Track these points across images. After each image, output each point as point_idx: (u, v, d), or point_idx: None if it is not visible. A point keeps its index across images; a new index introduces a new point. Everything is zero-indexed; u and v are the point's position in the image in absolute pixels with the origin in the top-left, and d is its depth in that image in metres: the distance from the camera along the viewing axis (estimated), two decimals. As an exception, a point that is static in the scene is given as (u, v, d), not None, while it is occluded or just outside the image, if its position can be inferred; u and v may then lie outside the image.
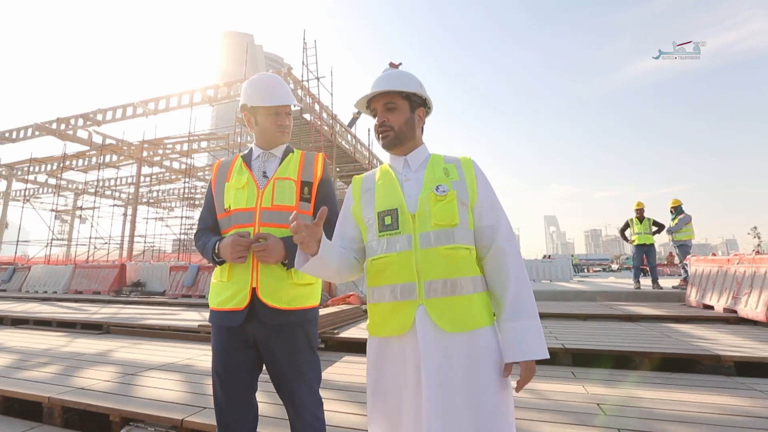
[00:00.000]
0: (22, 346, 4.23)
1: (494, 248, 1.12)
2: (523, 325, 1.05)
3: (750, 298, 4.50)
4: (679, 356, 3.18)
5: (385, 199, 1.18)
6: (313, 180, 1.45)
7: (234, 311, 1.31)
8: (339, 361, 3.53)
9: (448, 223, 1.10)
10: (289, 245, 1.30)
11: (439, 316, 1.04)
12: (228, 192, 1.42)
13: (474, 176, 1.18)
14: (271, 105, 1.41)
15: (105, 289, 9.49)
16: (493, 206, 1.16)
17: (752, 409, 2.23)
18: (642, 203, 7.59)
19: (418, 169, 1.22)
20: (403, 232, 1.12)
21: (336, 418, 2.18)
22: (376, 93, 1.20)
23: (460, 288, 1.07)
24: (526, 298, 1.08)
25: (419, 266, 1.08)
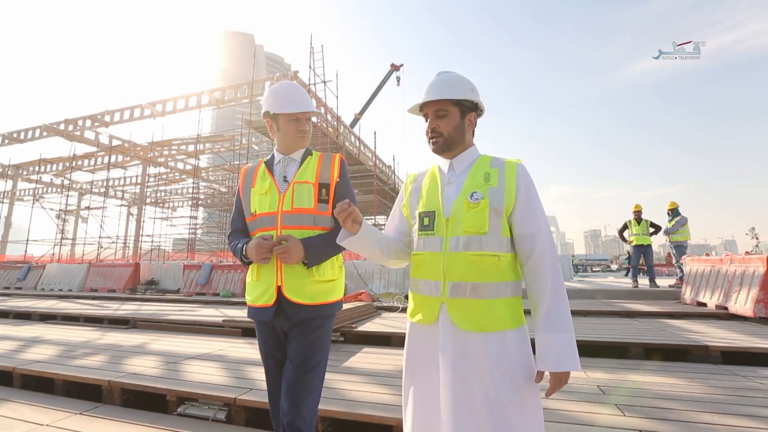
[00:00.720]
0: (61, 339, 4.53)
1: (533, 258, 1.14)
2: (556, 338, 1.08)
3: (740, 296, 4.81)
4: (672, 347, 3.49)
5: (426, 200, 1.26)
6: (330, 181, 1.49)
7: (264, 307, 1.43)
8: (360, 352, 3.83)
9: (477, 230, 1.14)
10: (309, 246, 1.39)
11: (458, 315, 1.12)
12: (253, 197, 1.50)
13: (515, 183, 1.18)
14: (292, 112, 1.47)
15: (120, 287, 9.78)
16: (533, 214, 1.15)
17: (732, 389, 2.54)
18: (640, 205, 7.91)
19: (462, 173, 1.25)
20: (437, 234, 1.19)
21: (368, 397, 2.48)
22: (428, 100, 1.24)
23: (482, 292, 1.12)
24: (561, 311, 1.10)
25: (445, 267, 1.16)
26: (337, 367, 3.24)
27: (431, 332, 1.17)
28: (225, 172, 24.09)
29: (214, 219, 26.79)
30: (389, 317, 5.49)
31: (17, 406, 2.71)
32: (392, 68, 33.04)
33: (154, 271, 10.34)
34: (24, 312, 6.66)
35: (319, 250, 1.40)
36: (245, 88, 16.06)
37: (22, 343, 4.26)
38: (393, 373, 3.03)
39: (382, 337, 4.32)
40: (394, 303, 6.51)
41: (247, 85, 15.65)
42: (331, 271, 1.48)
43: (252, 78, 15.19)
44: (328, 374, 3.03)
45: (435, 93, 1.23)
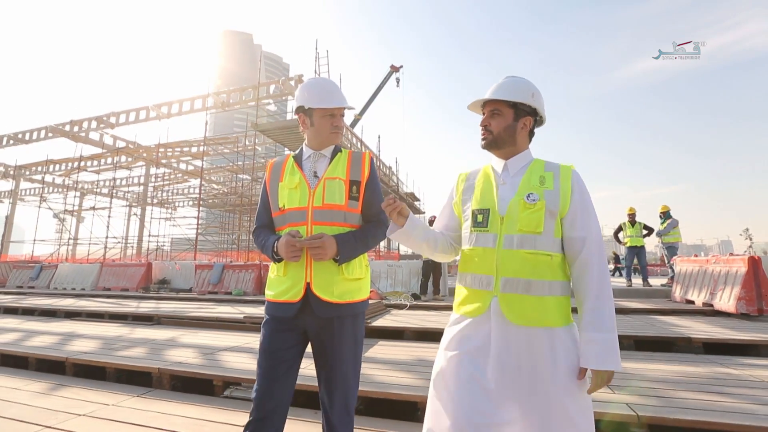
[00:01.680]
0: (95, 334, 4.87)
1: (581, 259, 1.18)
2: (599, 338, 1.11)
3: (724, 293, 5.21)
4: (659, 338, 3.88)
5: (481, 198, 1.30)
6: (361, 179, 1.49)
7: (288, 303, 1.39)
8: (376, 344, 4.19)
9: (533, 230, 1.18)
10: (341, 242, 1.38)
11: (509, 309, 1.16)
12: (282, 191, 1.48)
13: (570, 187, 1.22)
14: (329, 107, 1.46)
15: (133, 287, 10.10)
16: (585, 218, 1.20)
17: (708, 373, 2.92)
18: (634, 209, 8.32)
19: (516, 174, 1.29)
20: (491, 230, 1.23)
21: (393, 380, 2.84)
22: (486, 99, 1.31)
23: (534, 289, 1.16)
24: (605, 312, 1.13)
25: (499, 263, 1.20)
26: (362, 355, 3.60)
27: (479, 324, 1.20)
28: (227, 173, 24.41)
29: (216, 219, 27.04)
30: (399, 314, 5.85)
31: (78, 390, 3.06)
32: (392, 69, 33.41)
33: (166, 271, 10.66)
34: (49, 309, 6.99)
35: (350, 247, 1.40)
36: (250, 91, 16.38)
37: (62, 338, 4.60)
38: (410, 362, 3.39)
39: (395, 332, 4.68)
40: (402, 301, 6.88)
41: (252, 88, 15.96)
42: (359, 269, 1.48)
43: (258, 81, 15.50)
44: (362, 359, 3.40)
45: (494, 93, 1.30)
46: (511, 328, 1.15)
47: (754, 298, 4.81)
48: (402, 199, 24.23)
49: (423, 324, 4.84)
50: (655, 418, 2.09)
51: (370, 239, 1.47)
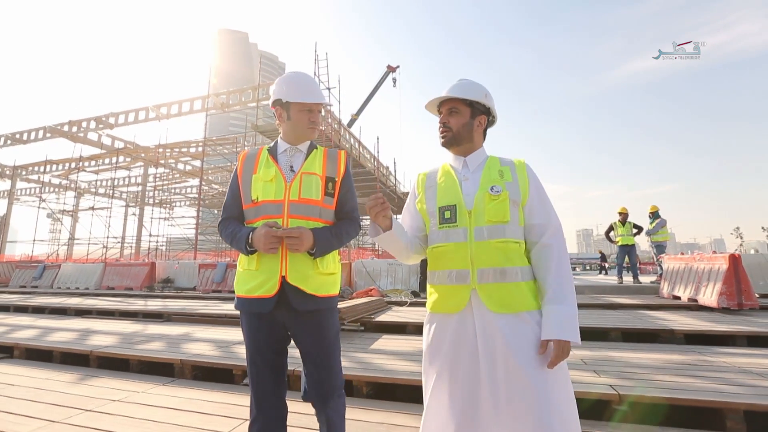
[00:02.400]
0: (111, 330, 5.08)
1: (541, 242, 1.26)
2: (560, 309, 1.18)
3: (707, 289, 5.52)
4: (644, 330, 4.17)
5: (445, 195, 1.34)
6: (336, 176, 1.50)
7: (263, 298, 1.35)
8: (380, 338, 4.44)
9: (500, 219, 1.24)
10: (317, 235, 1.37)
11: (489, 299, 1.20)
12: (256, 183, 1.44)
13: (527, 178, 1.31)
14: (306, 102, 1.45)
15: (137, 285, 10.28)
16: (543, 206, 1.29)
17: (686, 360, 3.21)
18: (625, 208, 8.63)
19: (476, 170, 1.36)
20: (460, 225, 1.28)
21: (398, 368, 3.09)
22: (444, 98, 1.38)
23: (509, 276, 1.22)
24: (565, 287, 1.20)
25: (473, 256, 1.24)
26: (366, 348, 3.85)
27: (460, 319, 1.23)
28: (225, 173, 24.54)
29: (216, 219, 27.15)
30: (400, 310, 6.11)
31: (107, 380, 3.29)
32: (388, 70, 33.63)
33: (169, 270, 10.84)
34: (59, 308, 7.17)
35: (326, 241, 1.40)
36: (249, 92, 16.55)
37: (80, 334, 4.81)
38: (413, 352, 3.65)
39: (397, 326, 4.94)
40: (402, 298, 7.14)
41: (252, 89, 16.14)
42: (333, 264, 1.48)
43: (258, 83, 15.69)
44: (362, 353, 3.66)
45: (452, 91, 1.37)
46: (493, 317, 1.19)
47: (735, 293, 5.12)
48: (400, 199, 24.51)
49: (423, 319, 5.09)
50: (634, 396, 2.36)
51: (344, 235, 1.47)
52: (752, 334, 3.92)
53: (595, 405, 2.42)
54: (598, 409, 2.42)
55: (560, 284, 1.20)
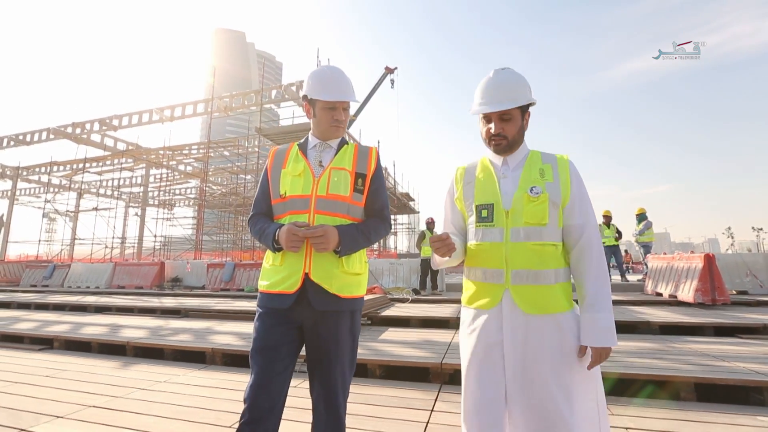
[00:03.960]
0: (137, 324, 5.49)
1: (580, 245, 1.24)
2: (599, 317, 1.19)
3: (685, 286, 6.01)
4: (624, 323, 4.64)
5: (483, 193, 1.32)
6: (367, 172, 1.46)
7: (284, 294, 1.33)
8: (387, 331, 4.89)
9: (538, 222, 1.22)
10: (343, 234, 1.33)
11: (522, 300, 1.20)
12: (284, 178, 1.43)
13: (569, 178, 1.27)
14: (328, 100, 1.42)
15: (147, 284, 10.66)
16: (583, 206, 1.26)
17: (656, 346, 3.68)
18: (609, 212, 9.15)
19: (516, 168, 1.31)
20: (497, 225, 1.26)
21: (406, 354, 3.54)
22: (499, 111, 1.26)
23: (543, 278, 1.21)
24: (604, 293, 1.21)
25: (508, 256, 1.23)
26: (375, 339, 4.30)
27: (493, 316, 1.24)
28: (226, 174, 24.92)
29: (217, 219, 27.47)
30: (402, 306, 6.56)
31: (147, 366, 3.71)
32: (386, 71, 34.06)
33: (178, 270, 11.23)
34: (79, 305, 7.56)
35: (352, 240, 1.36)
36: (252, 95, 16.93)
37: (109, 328, 5.22)
38: (419, 342, 4.09)
39: (402, 320, 5.39)
40: (404, 296, 7.59)
41: (256, 93, 16.52)
42: (359, 264, 1.44)
43: (261, 85, 16.07)
44: (372, 342, 4.10)
45: (502, 100, 1.26)
46: (524, 317, 1.20)
47: (709, 289, 5.60)
48: (398, 200, 24.91)
49: (426, 314, 5.55)
50: (606, 372, 2.83)
51: (373, 234, 1.43)
52: (718, 325, 4.40)
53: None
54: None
55: (599, 289, 1.21)
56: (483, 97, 1.30)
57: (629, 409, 2.48)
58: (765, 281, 7.01)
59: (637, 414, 2.41)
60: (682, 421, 2.30)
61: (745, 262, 7.27)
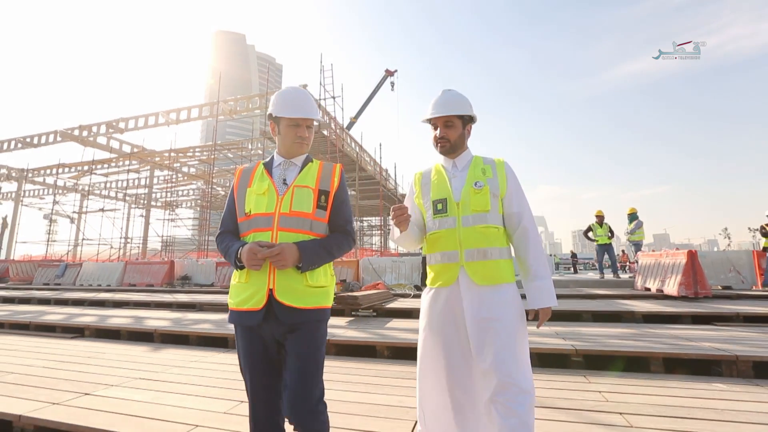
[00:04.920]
0: (158, 316, 5.87)
1: (520, 228, 1.55)
2: (541, 284, 1.50)
3: (670, 281, 6.40)
4: (611, 312, 5.03)
5: (438, 190, 1.61)
6: (330, 189, 1.51)
7: (251, 311, 1.37)
8: (391, 321, 5.27)
9: (482, 209, 1.52)
10: (303, 249, 1.38)
11: (474, 274, 1.48)
12: (249, 197, 1.48)
13: (505, 175, 1.59)
14: (293, 117, 1.48)
15: (158, 282, 11.04)
16: (519, 197, 1.57)
17: (636, 332, 4.07)
18: (602, 211, 9.55)
19: (463, 169, 1.62)
20: (450, 215, 1.55)
21: (410, 338, 3.93)
22: (441, 115, 1.59)
23: (489, 255, 1.50)
24: (542, 264, 1.52)
25: (461, 239, 1.52)
26: (382, 327, 4.69)
27: (451, 291, 1.52)
28: (231, 176, 25.33)
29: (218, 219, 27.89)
30: (405, 300, 6.94)
31: (175, 350, 4.10)
32: (387, 74, 34.56)
33: (187, 268, 11.62)
34: (97, 300, 7.95)
35: (313, 254, 1.40)
36: (257, 99, 17.35)
37: (133, 319, 5.61)
38: (421, 329, 4.49)
39: (405, 312, 5.78)
40: (406, 291, 7.98)
41: (260, 97, 16.94)
42: (323, 277, 1.48)
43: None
44: (379, 329, 4.49)
45: (445, 109, 1.59)
46: (478, 288, 1.48)
47: (692, 283, 5.99)
48: (399, 201, 25.37)
49: (427, 306, 5.92)
50: (587, 350, 3.23)
51: (335, 249, 1.47)
52: (695, 314, 4.80)
53: (560, 357, 3.28)
54: (561, 360, 3.28)
55: (537, 262, 1.53)
56: (432, 108, 1.63)
57: (604, 379, 2.88)
58: (747, 277, 7.40)
59: (611, 383, 2.80)
60: (649, 387, 2.69)
61: (729, 259, 7.67)
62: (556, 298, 1.51)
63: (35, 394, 2.61)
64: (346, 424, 2.13)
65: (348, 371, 3.21)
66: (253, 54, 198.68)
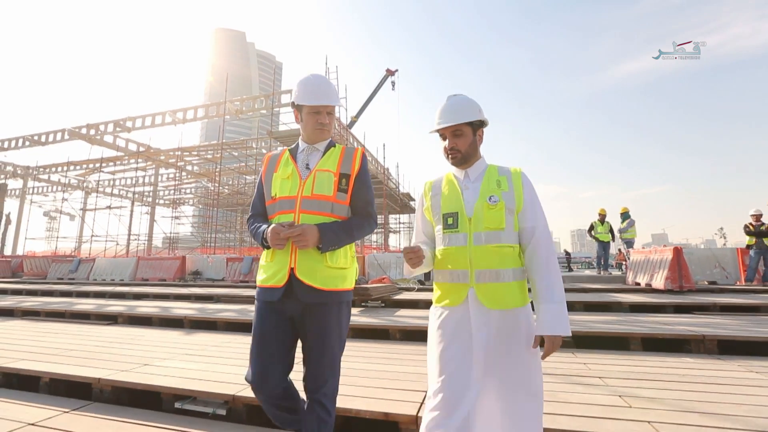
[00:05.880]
0: (181, 306, 6.31)
1: (533, 244, 1.40)
2: (552, 308, 1.33)
3: (658, 275, 6.86)
4: (600, 303, 5.49)
5: (449, 203, 1.48)
6: (350, 172, 1.55)
7: (273, 288, 1.45)
8: (400, 310, 5.71)
9: (497, 226, 1.38)
10: (323, 231, 1.43)
11: (485, 297, 1.36)
12: (275, 181, 1.56)
13: (521, 187, 1.44)
14: (313, 104, 1.53)
15: (170, 277, 11.48)
16: (534, 211, 1.43)
17: (620, 318, 4.53)
18: (604, 210, 10.01)
19: (476, 180, 1.48)
20: (461, 231, 1.42)
21: (418, 323, 4.38)
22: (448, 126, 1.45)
23: (502, 277, 1.36)
24: (555, 285, 1.35)
25: (472, 258, 1.39)
26: (392, 315, 5.14)
27: (459, 312, 1.39)
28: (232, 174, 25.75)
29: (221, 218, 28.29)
30: (410, 293, 7.40)
31: (205, 334, 4.54)
32: (387, 73, 34.89)
33: (197, 264, 12.06)
34: (118, 293, 8.39)
35: (333, 236, 1.45)
36: (263, 100, 17.76)
37: (159, 309, 6.04)
38: (427, 315, 4.93)
39: (411, 302, 6.23)
40: (411, 285, 8.44)
41: (266, 97, 17.34)
42: (344, 259, 1.53)
43: (272, 91, 16.89)
44: (391, 317, 4.94)
45: (453, 117, 1.46)
46: (487, 312, 1.35)
47: (677, 277, 6.45)
48: (399, 200, 25.75)
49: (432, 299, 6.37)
50: (575, 331, 3.68)
51: (356, 231, 1.53)
52: (677, 305, 5.26)
53: (551, 339, 3.73)
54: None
55: (549, 283, 1.36)
56: (438, 117, 1.51)
57: (589, 355, 3.33)
58: (731, 272, 7.87)
59: (595, 357, 3.26)
60: (626, 360, 3.15)
61: (715, 256, 8.15)
62: (569, 326, 1.34)
63: (102, 365, 3.05)
64: (372, 384, 2.57)
65: (366, 349, 3.66)
66: (253, 52, 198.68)
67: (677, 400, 2.20)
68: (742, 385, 2.47)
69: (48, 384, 2.86)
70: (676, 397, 2.24)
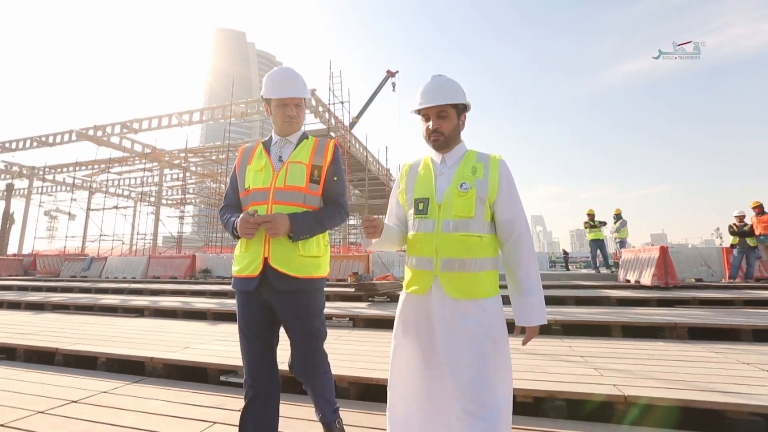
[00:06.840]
0: (200, 301, 6.74)
1: (512, 239, 1.38)
2: (531, 300, 1.36)
3: (645, 273, 7.31)
4: (590, 298, 5.94)
5: (421, 188, 1.47)
6: (323, 164, 1.59)
7: (249, 278, 1.50)
8: (404, 304, 6.17)
9: (466, 215, 1.36)
10: (294, 220, 1.47)
11: (448, 286, 1.35)
12: (248, 173, 1.59)
13: (497, 176, 1.39)
14: (279, 97, 1.56)
15: (181, 275, 11.90)
16: (512, 202, 1.38)
17: (608, 310, 4.97)
18: (593, 210, 10.47)
19: (452, 165, 1.45)
20: (430, 217, 1.41)
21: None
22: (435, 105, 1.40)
23: (468, 266, 1.35)
24: (534, 278, 1.37)
25: (438, 246, 1.38)
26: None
27: (424, 300, 1.39)
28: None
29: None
30: (413, 290, 7.86)
31: (231, 325, 4.98)
32: (388, 74, 35.41)
33: (207, 262, 12.50)
34: (136, 289, 8.83)
35: (304, 225, 1.48)
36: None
37: (181, 302, 6.48)
38: (431, 309, 5.39)
39: (415, 298, 6.68)
40: (413, 282, 8.89)
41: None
42: (316, 248, 1.56)
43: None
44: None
45: (438, 97, 1.41)
46: (450, 302, 1.33)
47: (663, 275, 6.90)
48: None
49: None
50: (564, 321, 4.13)
51: (327, 220, 1.55)
52: (661, 299, 5.71)
53: (543, 327, 4.18)
54: (544, 329, 4.18)
55: (529, 277, 1.37)
56: (422, 97, 1.45)
57: (574, 340, 3.78)
58: (717, 270, 8.32)
59: (579, 341, 3.71)
60: (606, 344, 3.59)
61: (702, 255, 8.60)
62: (545, 315, 1.39)
63: (149, 348, 3.49)
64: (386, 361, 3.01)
65: (377, 336, 4.10)
66: (253, 52, 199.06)
67: (642, 371, 2.65)
68: (701, 361, 2.92)
69: (105, 363, 3.31)
70: (642, 370, 2.69)
